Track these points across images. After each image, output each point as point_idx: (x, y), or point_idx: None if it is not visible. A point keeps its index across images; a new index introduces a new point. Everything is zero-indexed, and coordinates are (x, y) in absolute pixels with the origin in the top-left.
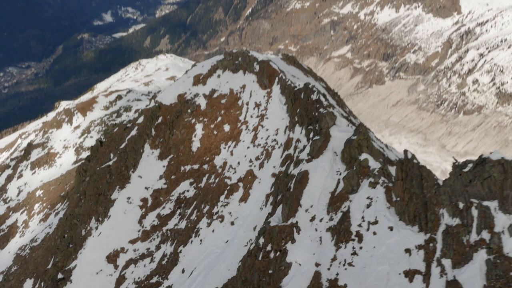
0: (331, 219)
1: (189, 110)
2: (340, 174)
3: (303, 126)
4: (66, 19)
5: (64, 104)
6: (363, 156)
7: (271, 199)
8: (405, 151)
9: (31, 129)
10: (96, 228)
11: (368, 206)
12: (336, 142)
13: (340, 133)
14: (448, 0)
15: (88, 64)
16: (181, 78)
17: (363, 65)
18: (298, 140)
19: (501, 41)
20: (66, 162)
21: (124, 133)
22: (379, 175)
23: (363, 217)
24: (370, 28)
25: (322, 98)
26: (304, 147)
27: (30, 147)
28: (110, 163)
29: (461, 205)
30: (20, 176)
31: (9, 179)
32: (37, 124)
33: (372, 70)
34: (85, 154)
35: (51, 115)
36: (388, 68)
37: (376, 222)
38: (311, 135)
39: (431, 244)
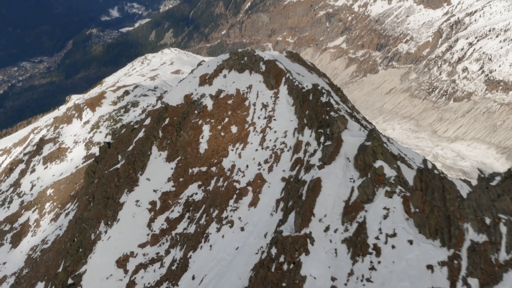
0: (346, 230)
1: (196, 111)
2: (354, 181)
3: (313, 129)
4: (75, 15)
5: (74, 98)
6: (378, 163)
7: (281, 204)
8: (425, 161)
9: (43, 124)
10: (106, 232)
11: (385, 217)
12: (348, 147)
13: (352, 137)
14: None
15: (97, 57)
16: (187, 78)
17: (358, 55)
18: (307, 144)
19: (489, 30)
20: (76, 157)
21: (131, 134)
22: (396, 184)
23: (380, 229)
24: (364, 19)
25: (332, 101)
26: (315, 151)
27: (42, 142)
28: (118, 166)
29: (487, 221)
30: (33, 171)
31: (23, 173)
32: (48, 118)
33: (366, 60)
34: (94, 149)
35: (62, 109)
36: (381, 57)
37: (394, 235)
38: (321, 139)
39: (455, 261)
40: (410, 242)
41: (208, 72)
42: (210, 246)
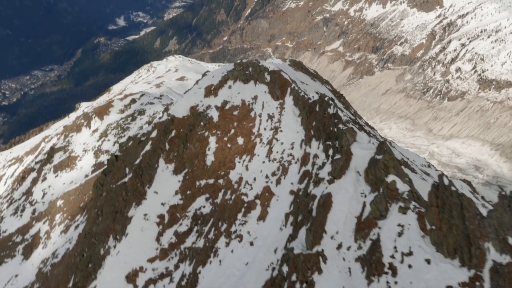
0: (359, 247)
1: (202, 123)
2: (365, 196)
3: (320, 141)
4: (84, 25)
5: (83, 105)
6: (390, 177)
7: (291, 219)
8: (441, 176)
9: (54, 133)
10: (115, 246)
11: (400, 234)
12: (358, 161)
13: (362, 150)
14: None
15: (105, 65)
16: (193, 89)
17: (354, 57)
18: (315, 156)
19: (481, 31)
20: (86, 165)
21: (138, 147)
22: (410, 199)
23: (395, 247)
24: (359, 23)
25: (339, 112)
26: (323, 164)
27: (53, 150)
28: (126, 179)
29: (510, 241)
30: (44, 179)
31: (34, 182)
32: (59, 126)
33: (362, 62)
34: (103, 157)
35: (72, 116)
36: (377, 60)
37: (410, 253)
38: (330, 152)
39: (477, 283)
40: (428, 261)
41: (213, 83)
42: (220, 261)
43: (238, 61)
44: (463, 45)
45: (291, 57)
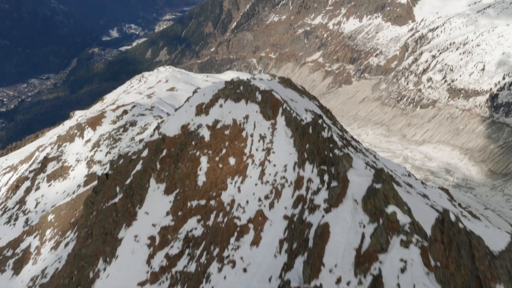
0: (360, 283)
1: (193, 142)
2: (364, 226)
3: (314, 164)
4: (79, 36)
5: (78, 114)
6: (391, 208)
7: (285, 245)
8: (446, 212)
9: (47, 142)
10: (104, 269)
11: (403, 270)
12: (355, 188)
13: (359, 177)
14: (404, 10)
15: (98, 74)
16: (183, 107)
17: (333, 68)
18: (310, 180)
19: (450, 44)
20: (78, 175)
21: (129, 165)
22: (411, 232)
23: (398, 284)
24: (338, 36)
25: (335, 137)
26: (319, 189)
27: (46, 160)
28: (116, 200)
29: None
30: (38, 188)
31: (28, 191)
32: (53, 134)
33: (341, 72)
34: (95, 168)
35: (67, 124)
36: (354, 70)
37: None
38: (325, 177)
39: None
40: None
41: (204, 101)
42: (212, 287)
43: (229, 80)
44: (433, 56)
45: (274, 67)
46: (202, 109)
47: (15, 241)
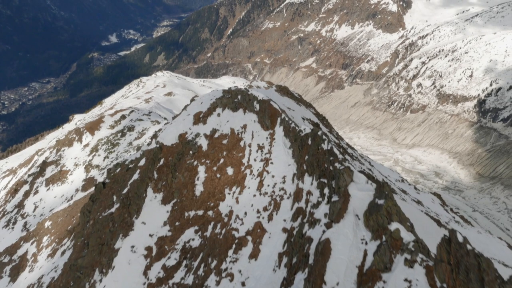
0: None
1: (190, 152)
2: (366, 243)
3: (314, 177)
4: (79, 41)
5: (77, 118)
6: (394, 225)
7: (284, 259)
8: (453, 232)
9: (46, 146)
10: (100, 281)
11: None
12: (356, 203)
13: (360, 192)
14: (394, 18)
15: (98, 78)
16: (181, 116)
17: (326, 73)
18: (309, 193)
19: (439, 51)
20: (77, 179)
21: (126, 174)
22: (416, 251)
23: None
24: (330, 42)
25: (335, 150)
26: (319, 202)
27: (45, 164)
28: (113, 209)
29: None
30: (36, 192)
31: (26, 195)
32: (52, 138)
33: (333, 77)
34: (93, 172)
35: (66, 127)
36: (346, 75)
37: None
38: (325, 190)
39: None
40: None
41: (202, 110)
42: None
43: (227, 89)
44: (423, 63)
45: (269, 72)
46: (199, 118)
47: (12, 247)
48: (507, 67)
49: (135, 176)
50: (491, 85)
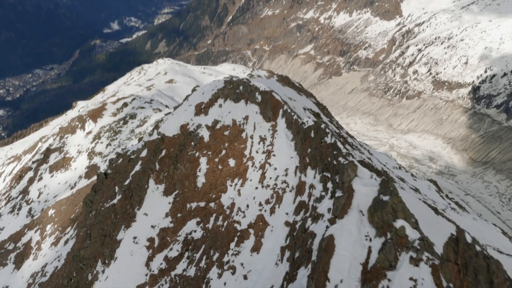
0: None
1: (192, 143)
2: (370, 240)
3: (316, 170)
4: (81, 28)
5: (80, 104)
6: (399, 223)
7: (287, 254)
8: (461, 232)
9: (50, 133)
10: (103, 271)
11: None
12: (360, 199)
13: (364, 187)
14: (392, 6)
15: (100, 65)
16: (182, 106)
17: (324, 60)
18: (312, 186)
19: (435, 38)
20: (80, 166)
21: (128, 165)
22: (422, 250)
23: None
24: (329, 30)
25: (338, 144)
26: (322, 197)
27: (49, 151)
28: (115, 201)
29: None
30: (40, 178)
31: (31, 181)
32: (56, 125)
33: (331, 64)
34: (96, 159)
35: (69, 114)
36: (344, 62)
37: None
38: (328, 185)
39: None
40: None
41: (204, 100)
42: None
43: (228, 79)
44: (419, 50)
45: (268, 59)
46: (201, 109)
47: (16, 234)
48: (501, 54)
49: (137, 167)
50: (485, 72)
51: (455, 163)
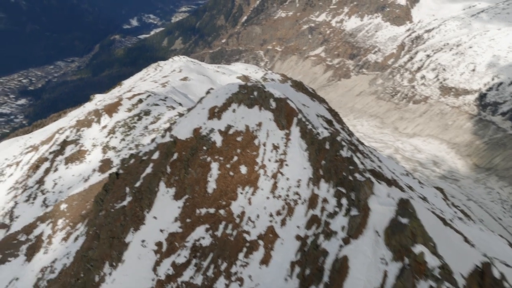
0: None
1: (204, 147)
2: (386, 263)
3: (330, 183)
4: (102, 23)
5: (97, 97)
6: (418, 248)
7: (297, 269)
8: (488, 266)
9: (67, 125)
10: (110, 274)
11: None
12: (377, 218)
13: (381, 206)
14: (402, 11)
15: (119, 59)
16: (196, 109)
17: (334, 62)
18: (325, 200)
19: (444, 45)
20: (94, 159)
21: (139, 166)
22: (442, 279)
23: None
24: (340, 33)
25: (355, 159)
26: (335, 212)
27: (65, 143)
28: (125, 203)
29: None
30: (56, 170)
31: (47, 172)
32: (73, 116)
33: (341, 67)
34: (110, 153)
35: (87, 106)
36: (353, 65)
37: None
38: (342, 200)
39: None
40: None
41: (217, 104)
42: None
43: (243, 84)
44: (428, 56)
45: (280, 59)
46: (214, 113)
47: (29, 226)
48: (509, 63)
49: (148, 169)
50: (492, 79)
51: (458, 168)
